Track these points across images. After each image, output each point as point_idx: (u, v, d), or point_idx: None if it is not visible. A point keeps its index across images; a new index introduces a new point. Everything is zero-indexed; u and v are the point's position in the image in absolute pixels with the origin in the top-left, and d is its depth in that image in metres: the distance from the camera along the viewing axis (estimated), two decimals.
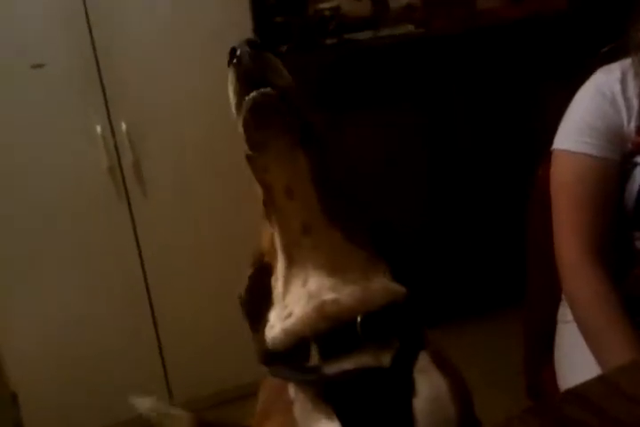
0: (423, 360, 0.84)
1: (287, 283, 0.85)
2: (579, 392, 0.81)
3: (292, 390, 0.83)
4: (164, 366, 2.24)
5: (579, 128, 1.22)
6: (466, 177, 2.58)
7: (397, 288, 0.85)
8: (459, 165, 2.55)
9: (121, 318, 2.15)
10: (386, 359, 0.81)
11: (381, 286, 0.84)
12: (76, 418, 2.18)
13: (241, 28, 2.03)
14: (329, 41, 2.35)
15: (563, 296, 1.35)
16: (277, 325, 0.85)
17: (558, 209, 1.23)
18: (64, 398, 2.15)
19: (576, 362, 1.24)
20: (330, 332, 0.81)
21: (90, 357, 2.14)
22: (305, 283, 0.83)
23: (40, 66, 1.90)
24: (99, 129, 1.97)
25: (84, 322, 2.11)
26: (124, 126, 1.99)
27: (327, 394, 0.81)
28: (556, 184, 1.25)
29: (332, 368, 0.80)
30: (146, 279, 2.14)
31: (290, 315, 0.83)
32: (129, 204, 2.06)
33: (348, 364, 0.80)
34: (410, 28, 2.48)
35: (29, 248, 2.01)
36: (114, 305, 2.13)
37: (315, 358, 0.81)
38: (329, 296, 0.81)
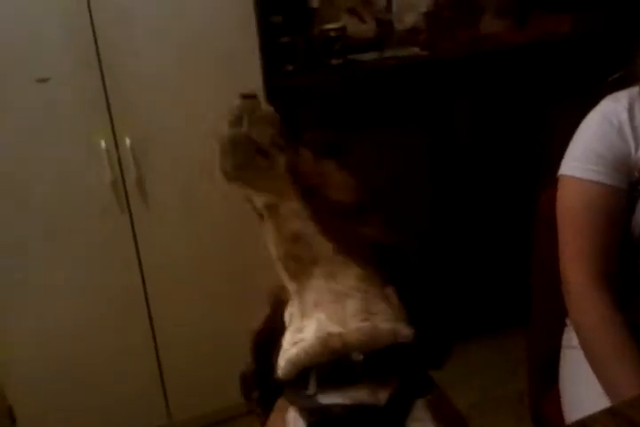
0: (420, 408, 0.83)
1: (300, 304, 0.87)
2: (587, 424, 0.80)
3: (291, 414, 0.84)
4: (162, 382, 2.23)
5: (586, 155, 1.23)
6: (470, 198, 2.58)
7: (405, 331, 0.85)
8: (462, 187, 2.56)
9: (119, 332, 2.14)
10: (383, 398, 0.81)
11: (390, 326, 0.84)
12: None
13: (248, 47, 2.05)
14: (334, 61, 2.36)
15: (567, 321, 1.35)
16: (288, 350, 0.86)
17: (564, 235, 1.23)
18: (60, 412, 2.13)
19: (581, 388, 1.24)
20: (330, 364, 0.82)
21: (87, 371, 2.13)
22: (315, 308, 0.85)
23: (45, 80, 1.90)
24: (103, 144, 1.97)
25: (81, 336, 2.10)
26: (128, 142, 1.99)
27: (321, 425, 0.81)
28: (562, 210, 1.25)
29: (328, 399, 0.81)
30: (146, 294, 2.13)
31: (301, 340, 0.84)
32: (131, 218, 2.06)
33: (343, 397, 0.81)
34: (415, 50, 2.49)
35: (29, 260, 2.00)
36: (113, 319, 2.12)
37: (313, 387, 0.82)
38: (335, 330, 0.82)
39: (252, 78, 2.08)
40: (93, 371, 2.14)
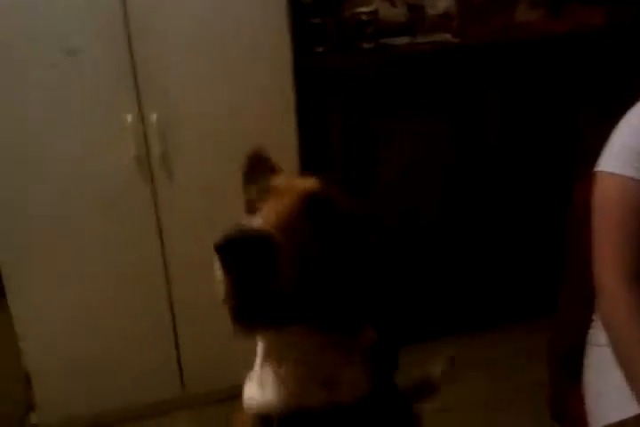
0: None
1: (264, 357, 0.88)
2: None
3: None
4: (178, 356, 2.25)
5: (626, 152, 1.22)
6: (495, 189, 2.55)
7: (363, 387, 0.85)
8: (488, 176, 2.53)
9: (139, 305, 2.16)
10: None
11: (349, 384, 0.84)
12: (88, 401, 2.21)
13: (278, 25, 2.03)
14: (366, 45, 2.33)
15: (594, 317, 1.34)
16: (254, 396, 0.88)
17: (599, 232, 1.22)
18: (77, 380, 2.17)
19: (608, 387, 1.23)
20: (291, 417, 0.83)
21: (106, 341, 2.16)
22: (279, 364, 0.85)
23: (74, 52, 1.90)
24: (129, 118, 1.97)
25: (102, 307, 2.12)
26: (154, 117, 1.99)
27: None
28: (598, 207, 1.24)
29: None
30: (166, 269, 2.15)
31: (262, 393, 0.86)
32: (155, 193, 2.06)
33: None
34: (447, 36, 2.46)
35: (52, 232, 2.01)
36: (133, 292, 2.14)
37: None
38: (295, 388, 0.83)
39: (282, 57, 2.06)
40: (111, 342, 2.16)
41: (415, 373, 1.43)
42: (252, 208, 0.87)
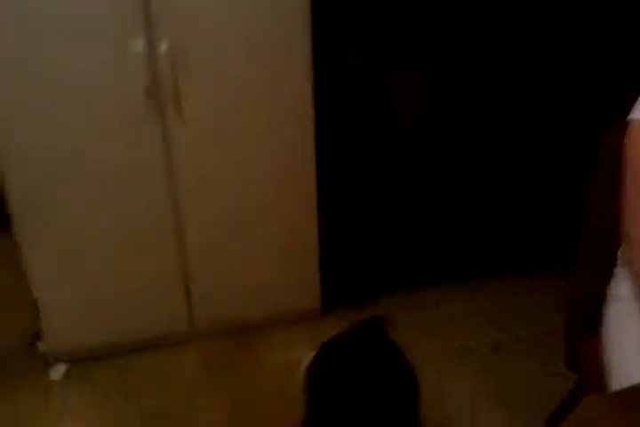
0: None
1: None
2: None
3: None
4: (187, 288, 2.28)
5: None
6: (513, 134, 2.49)
7: None
8: (506, 120, 2.46)
9: (149, 238, 2.16)
10: None
11: None
12: (96, 331, 2.24)
13: None
14: None
15: (615, 271, 1.31)
16: None
17: (631, 183, 1.16)
18: (85, 310, 2.19)
19: (627, 338, 1.22)
20: None
21: (114, 271, 2.17)
22: None
23: None
24: (140, 47, 1.90)
25: (111, 237, 2.12)
26: (164, 47, 1.91)
27: None
28: (630, 157, 1.18)
29: None
30: (176, 204, 2.13)
31: None
32: (164, 127, 2.01)
33: None
34: None
35: (57, 167, 1.99)
36: (142, 226, 2.14)
37: None
38: None
39: None
40: (119, 274, 2.18)
41: None
42: None
